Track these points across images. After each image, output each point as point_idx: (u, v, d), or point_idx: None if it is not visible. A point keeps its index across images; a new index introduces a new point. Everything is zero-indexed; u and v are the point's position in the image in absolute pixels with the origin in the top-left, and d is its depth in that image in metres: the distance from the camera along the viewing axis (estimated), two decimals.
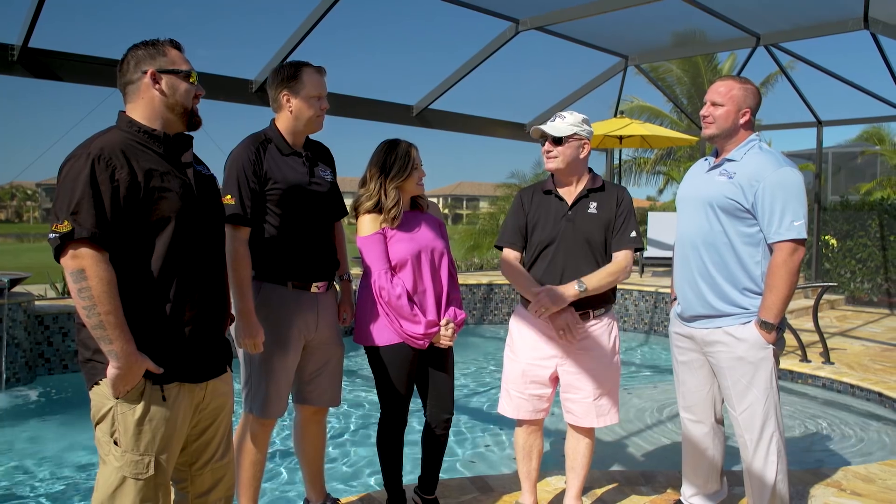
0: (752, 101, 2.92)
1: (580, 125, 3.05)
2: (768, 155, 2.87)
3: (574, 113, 3.07)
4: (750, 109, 2.91)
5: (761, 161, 2.84)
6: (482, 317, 9.76)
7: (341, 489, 4.11)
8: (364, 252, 3.03)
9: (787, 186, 2.77)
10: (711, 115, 2.94)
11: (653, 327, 9.25)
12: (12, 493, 4.08)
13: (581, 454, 3.20)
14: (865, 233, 10.81)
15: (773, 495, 2.88)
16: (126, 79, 2.16)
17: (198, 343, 2.18)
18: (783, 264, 2.76)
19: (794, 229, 2.75)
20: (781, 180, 2.78)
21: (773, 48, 8.71)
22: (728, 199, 2.86)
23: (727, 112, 2.91)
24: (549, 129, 3.05)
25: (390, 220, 3.01)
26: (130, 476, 2.05)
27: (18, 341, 6.14)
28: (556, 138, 3.04)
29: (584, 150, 3.08)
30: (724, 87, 2.92)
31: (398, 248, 3.01)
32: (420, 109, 9.03)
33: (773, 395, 2.87)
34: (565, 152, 3.05)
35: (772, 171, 2.79)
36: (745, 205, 2.83)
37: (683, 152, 21.99)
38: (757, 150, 2.90)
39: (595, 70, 9.87)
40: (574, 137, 3.04)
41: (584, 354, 3.07)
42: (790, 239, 2.75)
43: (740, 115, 2.90)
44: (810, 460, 4.67)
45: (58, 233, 1.93)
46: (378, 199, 3.01)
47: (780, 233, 2.76)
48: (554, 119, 3.08)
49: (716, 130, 2.94)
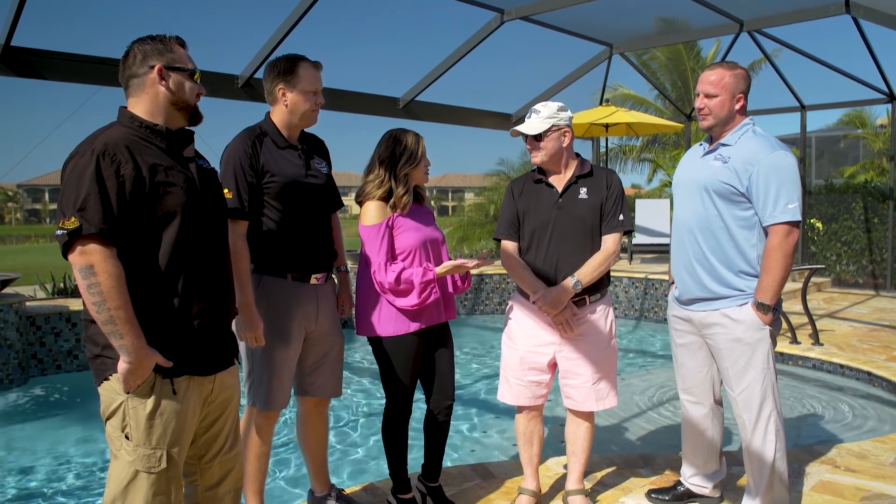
0: (744, 85, 2.95)
1: (556, 115, 3.05)
2: (762, 139, 2.90)
3: (548, 104, 3.08)
4: (743, 94, 2.94)
5: (755, 145, 2.88)
6: (473, 307, 9.80)
7: (346, 479, 4.13)
8: (366, 240, 3.03)
9: (782, 170, 2.81)
10: (707, 106, 2.96)
11: (643, 314, 9.32)
12: (7, 495, 4.07)
13: (581, 438, 3.23)
14: (850, 216, 10.93)
15: (772, 473, 2.93)
16: (131, 72, 2.15)
17: (206, 336, 2.19)
18: (778, 246, 2.80)
19: (789, 212, 2.79)
20: (776, 164, 2.82)
21: (756, 34, 8.76)
22: (723, 184, 2.89)
23: (722, 101, 2.93)
24: (526, 129, 3.07)
25: (402, 207, 3.02)
26: (143, 470, 2.06)
27: (10, 342, 6.10)
28: (535, 135, 3.06)
29: (565, 139, 3.09)
30: (716, 76, 2.94)
31: (406, 237, 3.02)
32: (406, 102, 9.01)
33: (770, 375, 2.92)
34: (547, 146, 3.07)
35: (766, 155, 2.83)
36: (739, 189, 2.86)
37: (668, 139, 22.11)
38: (751, 134, 2.93)
39: (580, 59, 9.89)
40: (552, 130, 3.06)
41: (582, 340, 3.10)
42: (785, 221, 2.79)
43: (735, 102, 2.94)
44: (804, 439, 4.75)
45: (65, 229, 1.93)
46: (389, 187, 3.01)
47: (774, 215, 2.81)
48: (529, 115, 3.09)
49: (713, 121, 2.97)
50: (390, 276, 2.95)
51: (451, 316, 3.22)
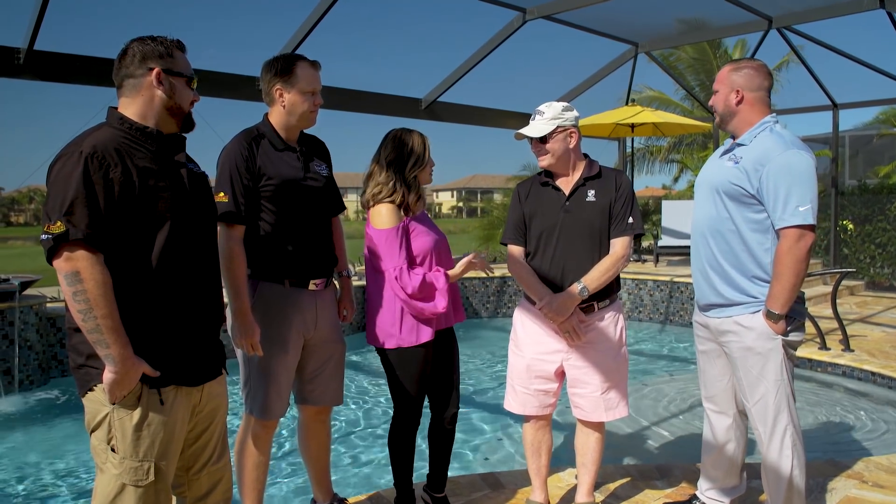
0: (744, 80, 2.83)
1: (561, 116, 2.95)
2: (777, 138, 2.76)
3: (552, 104, 2.98)
4: (742, 88, 2.82)
5: (768, 144, 2.74)
6: (496, 309, 9.69)
7: (348, 488, 4.06)
8: (381, 244, 2.90)
9: (793, 170, 2.66)
10: (714, 102, 2.93)
11: (668, 317, 9.13)
12: (27, 495, 4.08)
13: (591, 449, 3.13)
14: (885, 217, 10.62)
15: (789, 489, 2.79)
16: (127, 72, 2.08)
17: (194, 345, 2.13)
18: (788, 251, 2.65)
19: (800, 215, 2.64)
20: (786, 163, 2.67)
21: (785, 31, 8.54)
22: (733, 185, 2.77)
23: (720, 96, 2.89)
24: (530, 132, 2.97)
25: (416, 210, 2.97)
26: (130, 483, 2.00)
27: (31, 344, 6.15)
28: (540, 137, 2.96)
29: (572, 140, 2.99)
30: (721, 73, 2.91)
31: (421, 240, 2.95)
32: (429, 102, 8.96)
33: (785, 387, 2.77)
34: (553, 148, 2.97)
35: (778, 154, 2.69)
36: (749, 190, 2.73)
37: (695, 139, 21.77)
38: (767, 132, 2.79)
39: (605, 58, 9.78)
40: (558, 131, 2.96)
41: (591, 348, 3.00)
42: (795, 225, 2.64)
43: (732, 96, 2.84)
44: (830, 451, 4.57)
45: (51, 234, 1.87)
46: (401, 190, 2.92)
47: (784, 219, 2.66)
48: (533, 117, 3.00)
49: (717, 118, 2.93)
50: (415, 281, 2.85)
51: (459, 318, 3.14)
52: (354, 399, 5.89)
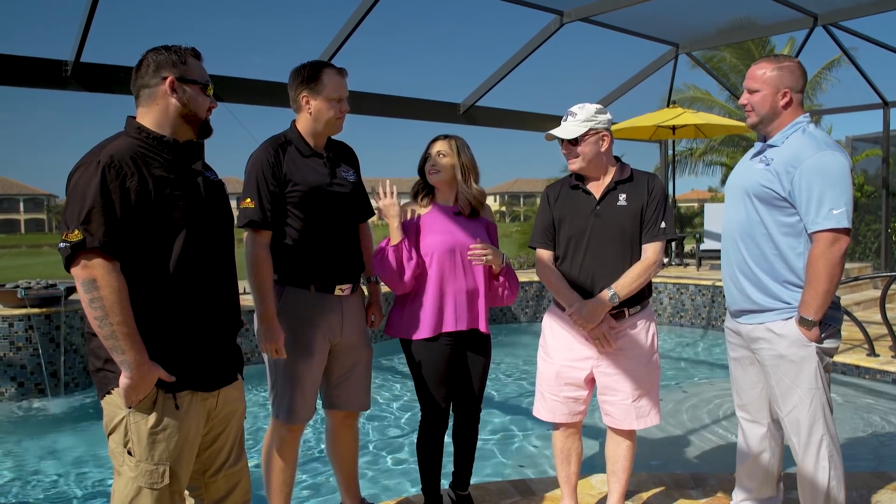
0: (790, 79, 2.72)
1: (594, 118, 2.89)
2: (809, 138, 2.66)
3: (585, 106, 2.92)
4: (790, 89, 2.71)
5: (800, 145, 2.65)
6: (535, 315, 9.63)
7: (377, 493, 4.07)
8: None
9: (825, 171, 2.57)
10: (750, 102, 2.78)
11: (710, 322, 8.94)
12: (73, 495, 4.19)
13: (622, 458, 3.07)
14: None
15: (826, 502, 2.70)
16: (143, 82, 2.13)
17: (209, 351, 2.16)
18: (821, 256, 2.56)
19: (833, 218, 2.54)
20: (818, 165, 2.58)
21: (832, 28, 8.31)
22: (763, 188, 2.68)
23: (763, 97, 2.74)
24: (561, 133, 2.92)
25: (422, 206, 3.10)
26: (146, 486, 2.04)
27: (76, 347, 6.32)
28: (571, 140, 2.92)
29: (604, 144, 2.93)
30: (760, 71, 2.75)
31: (429, 240, 3.02)
32: (467, 107, 8.96)
33: (820, 396, 2.68)
34: (584, 151, 2.91)
35: (809, 156, 2.59)
36: (781, 193, 2.64)
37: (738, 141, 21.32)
38: (800, 133, 2.70)
39: (644, 60, 9.64)
40: (590, 133, 2.90)
41: (621, 355, 2.94)
42: (829, 228, 2.54)
43: (779, 98, 2.72)
44: (876, 462, 4.41)
45: (68, 242, 1.91)
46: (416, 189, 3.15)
47: (817, 222, 2.56)
48: (566, 118, 2.94)
49: (756, 118, 2.78)
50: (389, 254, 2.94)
51: (480, 326, 3.08)
52: (384, 404, 5.91)
